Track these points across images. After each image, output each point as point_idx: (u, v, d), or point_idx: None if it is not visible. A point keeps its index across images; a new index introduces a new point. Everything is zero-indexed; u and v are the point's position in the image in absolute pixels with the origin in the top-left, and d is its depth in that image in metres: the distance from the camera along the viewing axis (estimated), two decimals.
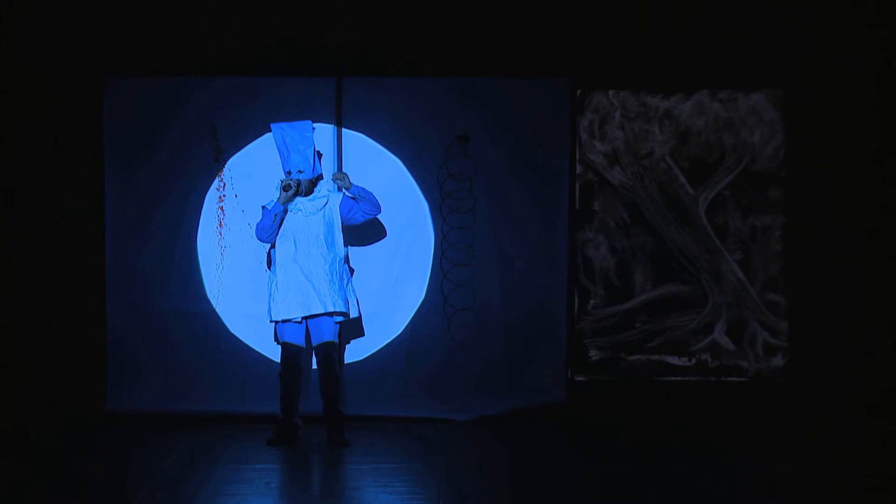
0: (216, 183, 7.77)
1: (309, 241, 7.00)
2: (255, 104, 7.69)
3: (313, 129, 7.11)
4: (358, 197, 7.03)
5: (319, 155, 7.28)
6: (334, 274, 7.03)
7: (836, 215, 7.83)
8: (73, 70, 7.74)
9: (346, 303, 7.07)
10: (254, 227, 7.24)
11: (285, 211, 7.00)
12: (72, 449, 6.85)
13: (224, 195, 7.78)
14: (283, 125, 7.05)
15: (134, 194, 7.75)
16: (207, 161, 7.77)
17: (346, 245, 7.21)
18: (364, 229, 7.60)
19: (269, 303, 7.04)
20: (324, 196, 7.08)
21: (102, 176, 7.74)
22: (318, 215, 7.03)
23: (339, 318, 7.09)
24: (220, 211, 7.78)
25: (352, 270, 7.36)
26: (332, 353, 7.02)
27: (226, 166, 7.76)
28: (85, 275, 7.77)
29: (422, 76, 7.76)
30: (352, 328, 7.63)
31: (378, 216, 7.22)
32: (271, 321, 7.06)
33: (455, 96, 7.77)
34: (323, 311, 6.97)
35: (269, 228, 7.01)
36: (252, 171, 7.72)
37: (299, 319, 7.03)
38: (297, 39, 7.74)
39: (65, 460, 6.58)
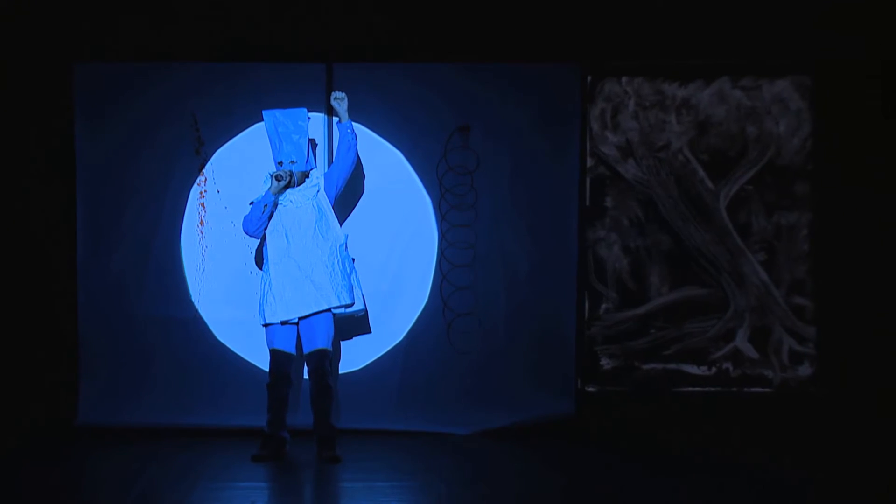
0: (197, 178, 7.72)
1: (302, 233, 6.94)
2: (239, 92, 7.67)
3: (308, 118, 7.06)
4: (349, 132, 7.02)
5: (314, 145, 7.23)
6: (334, 263, 6.96)
7: (867, 212, 7.82)
8: (41, 57, 7.70)
9: (351, 291, 7.00)
10: (238, 225, 7.20)
11: (275, 203, 6.95)
12: (38, 466, 6.78)
13: (205, 191, 7.75)
14: (276, 112, 7.00)
15: (108, 190, 7.72)
16: (188, 154, 7.72)
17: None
18: (361, 227, 7.55)
19: (263, 304, 6.98)
20: (314, 184, 7.03)
21: (73, 171, 7.71)
22: (309, 204, 6.97)
23: (342, 311, 7.03)
24: (201, 208, 7.74)
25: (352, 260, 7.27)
26: (324, 362, 6.96)
27: (209, 160, 7.71)
28: (54, 276, 7.74)
29: (419, 62, 7.73)
30: (356, 324, 7.56)
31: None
32: (266, 324, 7.00)
33: (455, 83, 7.75)
34: (326, 307, 6.91)
35: (258, 220, 6.96)
36: (236, 164, 7.69)
37: (296, 320, 6.98)
38: (285, 22, 7.71)
39: (30, 478, 6.52)
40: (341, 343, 7.69)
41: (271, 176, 6.93)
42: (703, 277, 7.95)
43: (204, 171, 7.74)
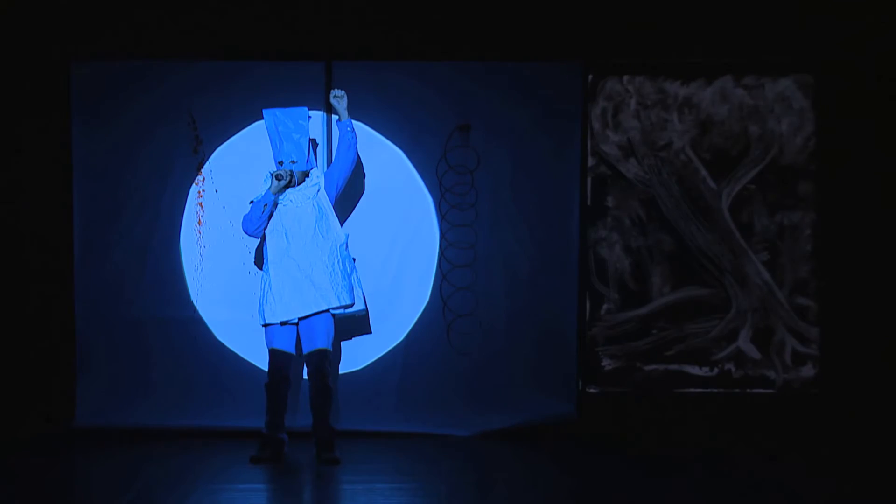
0: (195, 177, 7.69)
1: (302, 233, 6.91)
2: (237, 91, 7.65)
3: (309, 117, 7.03)
4: (349, 130, 7.01)
5: (314, 145, 7.21)
6: (335, 263, 6.93)
7: (871, 212, 7.80)
8: (39, 56, 7.67)
9: (351, 292, 6.97)
10: (236, 225, 7.19)
11: (275, 203, 6.92)
12: (35, 468, 6.76)
13: (203, 190, 7.72)
14: (277, 111, 6.97)
15: (105, 190, 7.70)
16: (186, 153, 7.70)
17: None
18: (361, 226, 7.53)
19: (262, 304, 6.95)
20: (315, 184, 7.00)
21: (70, 170, 7.68)
22: (309, 204, 6.94)
23: (341, 311, 7.00)
24: (198, 207, 7.71)
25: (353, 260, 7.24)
26: (324, 362, 6.92)
27: (208, 159, 7.68)
28: (51, 276, 7.70)
29: (418, 59, 7.71)
30: (357, 325, 7.53)
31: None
32: (265, 324, 6.97)
33: (455, 82, 7.72)
34: (326, 308, 6.88)
35: (258, 220, 6.93)
36: (235, 164, 7.66)
37: (296, 321, 6.95)
38: (283, 20, 7.68)
39: (28, 480, 6.49)
40: (341, 343, 7.67)
41: (271, 175, 6.90)
42: (705, 278, 7.92)
43: (202, 170, 7.71)
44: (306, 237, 6.92)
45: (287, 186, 6.91)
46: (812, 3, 7.70)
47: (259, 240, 7.14)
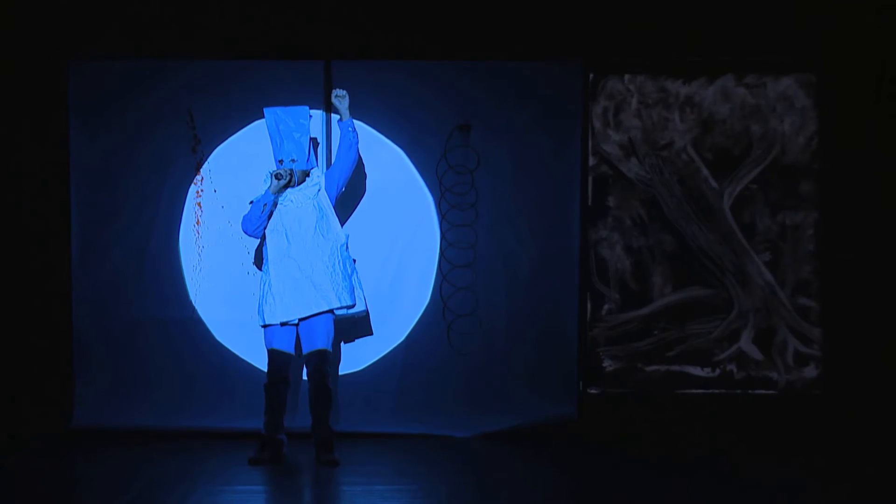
0: (194, 177, 7.69)
1: (303, 233, 6.90)
2: (236, 90, 7.63)
3: (310, 116, 7.02)
4: (350, 130, 6.99)
5: (315, 144, 7.20)
6: (335, 264, 6.92)
7: (874, 212, 7.78)
8: (36, 55, 7.67)
9: (352, 293, 6.96)
10: (235, 225, 7.18)
11: (275, 203, 6.92)
12: (33, 469, 6.76)
13: (202, 190, 7.71)
14: (278, 110, 6.96)
15: (103, 189, 7.69)
16: (184, 153, 7.70)
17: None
18: (361, 227, 7.52)
19: (262, 305, 6.93)
20: (315, 184, 6.99)
21: (68, 169, 7.67)
22: (310, 204, 6.93)
23: (342, 312, 6.99)
24: (197, 207, 7.71)
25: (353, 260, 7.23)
26: (324, 363, 6.91)
27: (207, 159, 7.67)
28: (50, 277, 7.70)
29: (418, 59, 7.69)
30: (358, 326, 7.53)
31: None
32: (265, 325, 6.96)
33: (455, 81, 7.71)
34: (326, 308, 6.87)
35: (258, 220, 6.92)
36: (234, 163, 7.65)
37: (296, 321, 6.94)
38: (283, 19, 7.67)
39: (25, 481, 6.49)
40: (341, 344, 7.66)
41: (271, 175, 6.89)
42: (706, 278, 7.91)
43: (201, 170, 7.70)
44: (307, 237, 6.91)
45: (287, 186, 6.90)
46: (813, 2, 7.68)
47: (258, 240, 7.13)
